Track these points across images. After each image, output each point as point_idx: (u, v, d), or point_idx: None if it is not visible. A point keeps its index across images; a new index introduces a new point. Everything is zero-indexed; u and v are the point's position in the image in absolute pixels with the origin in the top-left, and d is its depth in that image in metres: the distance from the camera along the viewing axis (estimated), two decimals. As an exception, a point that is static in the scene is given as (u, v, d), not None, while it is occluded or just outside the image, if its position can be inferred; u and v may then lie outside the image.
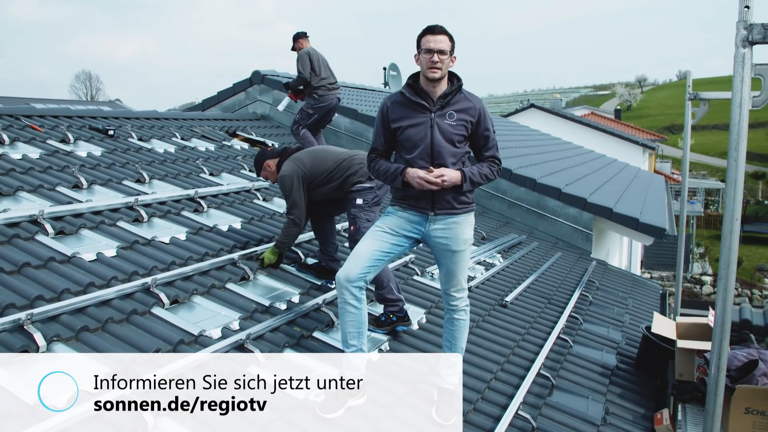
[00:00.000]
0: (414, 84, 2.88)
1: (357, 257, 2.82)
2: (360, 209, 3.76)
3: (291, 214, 3.87)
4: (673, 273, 14.08)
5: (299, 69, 6.82)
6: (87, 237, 3.67)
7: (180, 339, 2.85)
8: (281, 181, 3.87)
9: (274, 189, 5.74)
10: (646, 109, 64.32)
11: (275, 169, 4.04)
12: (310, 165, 3.86)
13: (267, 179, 4.21)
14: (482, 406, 3.14)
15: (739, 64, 2.33)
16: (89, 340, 2.68)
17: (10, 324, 2.54)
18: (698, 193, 30.47)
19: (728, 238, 2.47)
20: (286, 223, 3.93)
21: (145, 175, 4.91)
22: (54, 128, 5.41)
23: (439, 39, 2.78)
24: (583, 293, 5.75)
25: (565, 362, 4.11)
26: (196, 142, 6.54)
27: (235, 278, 3.69)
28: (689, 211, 21.70)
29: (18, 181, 4.11)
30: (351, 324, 2.80)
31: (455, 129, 2.84)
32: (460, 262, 2.94)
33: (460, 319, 3.02)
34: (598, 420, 3.42)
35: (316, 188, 3.88)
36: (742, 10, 2.28)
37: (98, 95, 45.75)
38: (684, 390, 3.74)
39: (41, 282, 3.00)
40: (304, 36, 7.02)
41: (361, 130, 8.52)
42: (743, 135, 2.41)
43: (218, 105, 9.31)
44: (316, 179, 3.85)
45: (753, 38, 2.29)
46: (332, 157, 3.88)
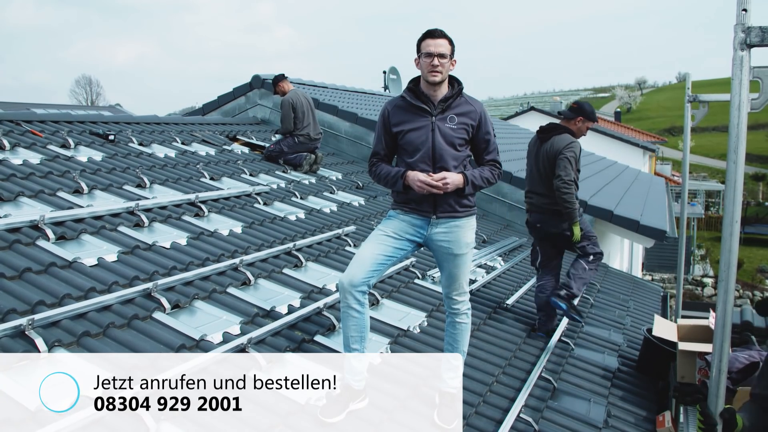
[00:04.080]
0: (415, 88, 2.89)
1: (360, 262, 2.81)
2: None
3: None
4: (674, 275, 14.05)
5: (282, 119, 6.95)
6: (88, 242, 3.67)
7: (181, 344, 2.86)
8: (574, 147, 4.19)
9: (274, 193, 5.75)
10: (645, 112, 64.40)
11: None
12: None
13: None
14: (484, 410, 3.14)
15: (737, 67, 2.34)
16: (90, 345, 2.68)
17: (11, 329, 2.54)
18: (699, 195, 30.47)
19: (728, 240, 2.47)
20: (564, 191, 4.11)
21: (145, 180, 4.92)
22: (54, 133, 5.42)
23: (439, 43, 2.79)
24: (585, 296, 5.75)
25: (566, 365, 4.11)
26: (197, 146, 6.55)
27: (236, 283, 3.69)
28: (690, 213, 21.68)
29: (19, 186, 4.11)
30: (353, 328, 2.80)
31: (456, 132, 2.85)
32: (462, 266, 2.94)
33: (461, 323, 3.03)
34: (600, 423, 3.42)
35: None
36: (739, 13, 2.29)
37: (98, 100, 45.91)
38: (686, 392, 3.73)
39: (42, 287, 3.00)
40: (283, 78, 7.12)
41: (361, 134, 8.53)
42: (742, 137, 2.41)
43: (218, 109, 9.33)
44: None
45: (751, 41, 2.30)
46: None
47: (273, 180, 6.18)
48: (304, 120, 6.92)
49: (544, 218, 4.37)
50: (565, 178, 4.14)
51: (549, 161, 4.26)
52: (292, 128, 6.88)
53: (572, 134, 4.31)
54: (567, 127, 4.35)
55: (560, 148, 4.21)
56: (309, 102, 7.07)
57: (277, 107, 8.16)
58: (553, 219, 4.32)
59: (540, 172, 4.34)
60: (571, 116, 4.36)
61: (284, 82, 7.10)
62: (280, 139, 7.03)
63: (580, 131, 4.38)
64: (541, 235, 4.49)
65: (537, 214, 4.42)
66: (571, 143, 4.23)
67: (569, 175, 4.14)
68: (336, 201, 6.17)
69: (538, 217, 4.42)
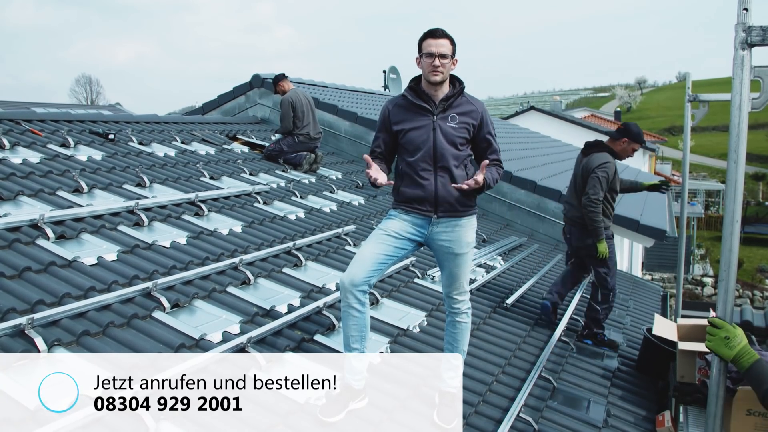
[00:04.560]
0: (416, 87, 2.89)
1: (361, 261, 2.80)
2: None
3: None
4: (674, 274, 14.04)
5: (282, 118, 6.94)
6: (87, 241, 3.67)
7: (181, 343, 2.85)
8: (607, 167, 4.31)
9: (274, 193, 5.75)
10: (645, 111, 64.39)
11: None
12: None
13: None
14: (484, 409, 3.14)
15: (738, 67, 2.34)
16: (90, 344, 2.68)
17: (10, 329, 2.54)
18: (698, 194, 30.46)
19: (729, 239, 2.46)
20: (590, 209, 4.28)
21: (145, 179, 4.91)
22: (54, 132, 5.42)
23: (440, 43, 2.79)
24: (584, 296, 5.74)
25: (566, 364, 4.11)
26: (197, 145, 6.54)
27: (235, 282, 3.69)
28: (690, 212, 21.67)
29: (18, 185, 4.11)
30: (354, 327, 2.79)
31: (457, 132, 2.85)
32: (462, 265, 2.94)
33: (461, 322, 3.02)
34: (600, 422, 3.42)
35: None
36: (740, 12, 2.28)
37: (98, 99, 45.86)
38: (685, 392, 3.74)
39: (42, 286, 3.00)
40: (283, 78, 7.11)
41: (361, 134, 8.53)
42: (743, 137, 2.40)
43: (218, 109, 9.32)
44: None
45: (752, 40, 2.30)
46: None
47: (273, 179, 6.18)
48: (304, 119, 6.92)
49: (573, 230, 4.56)
50: (592, 197, 4.28)
51: (583, 177, 4.42)
52: (291, 127, 6.88)
53: (615, 154, 4.42)
54: (610, 146, 4.45)
55: (594, 167, 4.32)
56: (309, 101, 7.07)
57: (276, 106, 8.15)
58: (579, 232, 4.49)
59: (576, 186, 4.51)
60: (617, 136, 4.46)
61: (284, 82, 7.10)
62: (279, 139, 7.03)
63: (624, 152, 4.46)
64: (570, 245, 4.72)
65: (568, 225, 4.63)
66: (605, 163, 4.32)
67: (597, 194, 4.27)
68: (336, 200, 6.17)
69: (568, 228, 4.65)
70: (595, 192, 4.26)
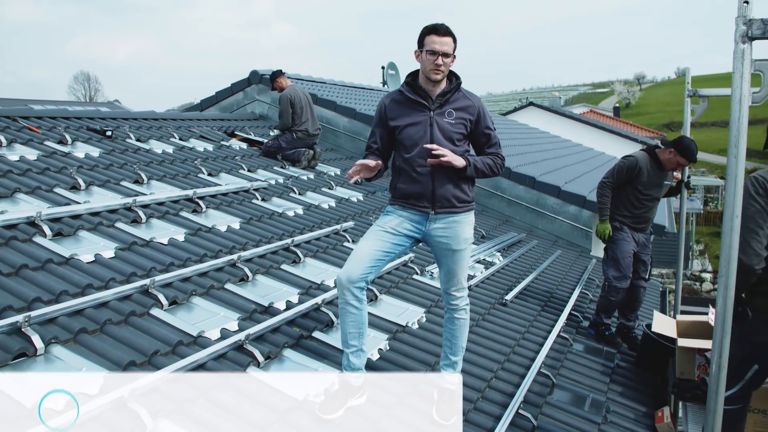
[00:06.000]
0: (413, 82, 2.86)
1: (358, 258, 2.79)
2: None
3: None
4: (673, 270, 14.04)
5: (280, 114, 6.92)
6: (85, 238, 3.66)
7: (179, 340, 2.84)
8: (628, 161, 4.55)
9: (272, 189, 5.73)
10: (645, 107, 64.29)
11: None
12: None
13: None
14: (483, 406, 3.13)
15: (738, 60, 2.31)
16: (87, 342, 2.67)
17: (7, 326, 2.53)
18: (698, 190, 30.45)
19: (728, 235, 2.45)
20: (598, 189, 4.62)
21: (143, 176, 4.90)
22: (51, 129, 5.40)
23: (444, 41, 2.75)
24: (583, 291, 5.74)
25: (565, 360, 4.11)
26: (195, 142, 6.53)
27: (234, 279, 3.68)
28: (689, 208, 21.65)
29: (15, 182, 4.09)
30: (352, 324, 2.78)
31: (455, 127, 2.83)
32: (460, 261, 2.93)
33: (460, 319, 3.01)
34: (599, 418, 3.41)
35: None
36: (741, 5, 2.26)
37: (97, 96, 45.76)
38: (685, 388, 3.73)
39: (39, 284, 2.99)
40: (280, 74, 7.09)
41: (359, 130, 8.51)
42: (743, 132, 2.39)
43: (216, 105, 9.30)
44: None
45: (752, 34, 2.27)
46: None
47: (271, 176, 6.16)
48: (303, 116, 6.90)
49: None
50: (602, 179, 4.66)
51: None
52: (290, 124, 6.86)
53: (658, 161, 4.54)
54: (655, 152, 4.60)
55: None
56: (307, 98, 7.05)
57: (275, 103, 8.13)
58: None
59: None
60: (667, 145, 4.61)
61: (281, 78, 7.07)
62: (278, 135, 7.02)
63: (668, 162, 4.57)
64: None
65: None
66: (629, 156, 4.62)
67: (606, 177, 4.63)
68: (334, 197, 6.15)
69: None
70: (607, 176, 4.63)
